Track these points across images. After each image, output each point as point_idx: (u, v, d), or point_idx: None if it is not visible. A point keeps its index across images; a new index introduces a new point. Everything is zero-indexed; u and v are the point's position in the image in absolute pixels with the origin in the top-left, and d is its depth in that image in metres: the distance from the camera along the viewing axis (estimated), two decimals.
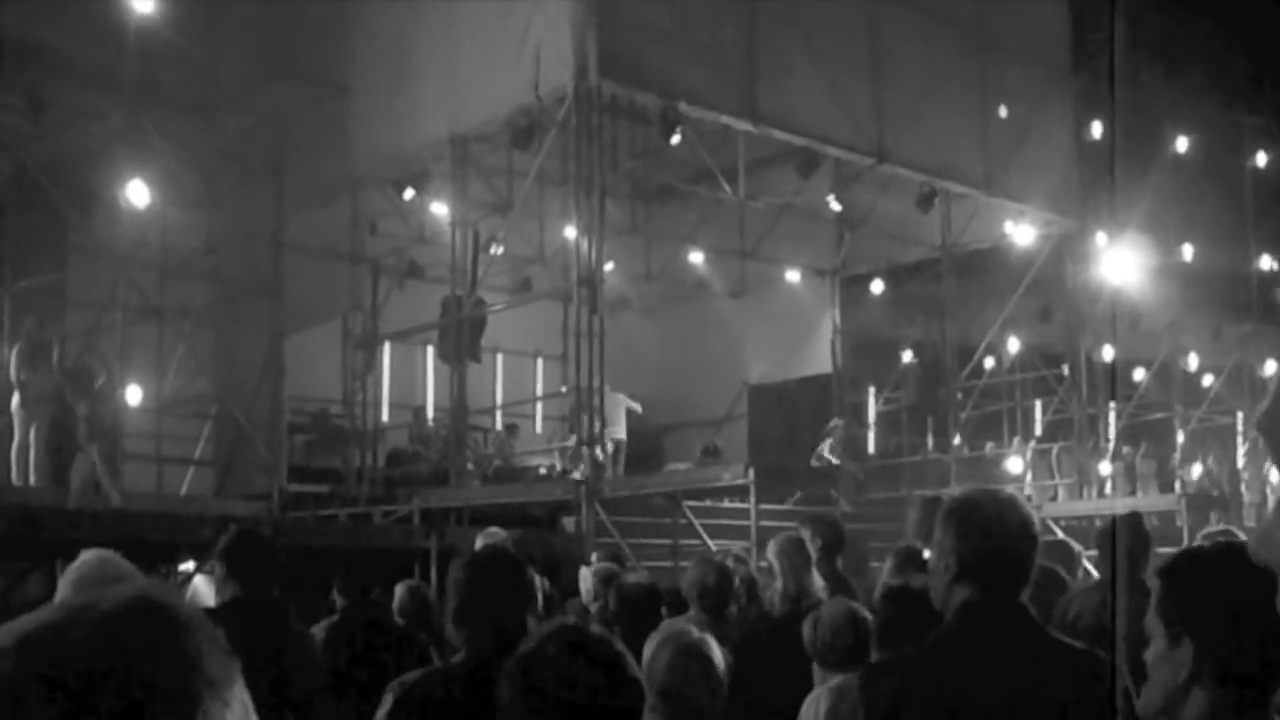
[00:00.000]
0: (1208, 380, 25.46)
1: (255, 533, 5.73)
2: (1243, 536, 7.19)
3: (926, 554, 4.42)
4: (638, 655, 6.05)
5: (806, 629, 5.58)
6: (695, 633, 4.56)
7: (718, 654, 4.44)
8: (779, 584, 6.97)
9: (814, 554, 7.08)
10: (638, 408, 21.49)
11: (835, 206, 19.86)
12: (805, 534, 7.18)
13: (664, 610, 7.26)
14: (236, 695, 1.30)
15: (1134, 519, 6.62)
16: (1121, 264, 20.05)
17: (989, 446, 23.23)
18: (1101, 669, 3.39)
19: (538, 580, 9.96)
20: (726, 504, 17.86)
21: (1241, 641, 2.43)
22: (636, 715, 3.03)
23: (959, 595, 3.55)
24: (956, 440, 21.15)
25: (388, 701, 4.09)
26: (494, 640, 3.97)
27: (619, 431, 21.17)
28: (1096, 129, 20.66)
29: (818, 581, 6.92)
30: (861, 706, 3.63)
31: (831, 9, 17.97)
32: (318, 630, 6.94)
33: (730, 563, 7.86)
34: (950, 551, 3.57)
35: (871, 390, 24.41)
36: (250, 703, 1.34)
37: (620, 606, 7.01)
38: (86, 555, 4.28)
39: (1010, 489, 18.49)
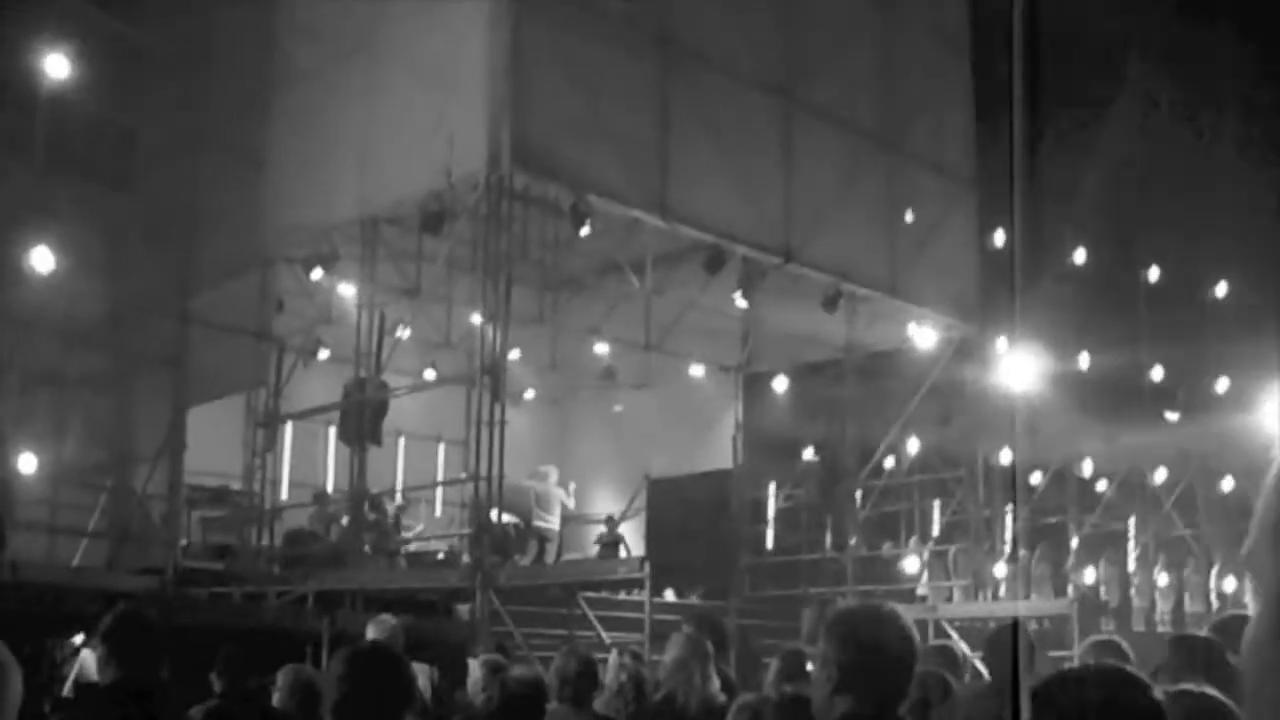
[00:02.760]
0: (1102, 485, 25.80)
1: (138, 613, 5.66)
2: (1125, 645, 7.31)
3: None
4: None
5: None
6: None
7: None
8: (695, 681, 7.00)
9: (704, 652, 7.14)
10: (570, 503, 21.56)
11: (741, 304, 20.01)
12: (693, 634, 7.23)
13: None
14: None
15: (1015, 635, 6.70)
16: (1020, 369, 20.20)
17: (886, 546, 23.37)
18: None
19: (427, 671, 9.97)
20: (623, 596, 17.88)
21: None
22: None
23: (839, 707, 3.61)
24: (854, 540, 21.28)
25: None
26: None
27: (554, 522, 21.23)
28: (999, 237, 20.99)
29: (714, 681, 6.98)
30: None
31: (745, 110, 18.19)
32: (196, 714, 6.85)
33: (627, 659, 7.89)
34: (831, 663, 3.64)
35: (772, 487, 24.50)
36: None
37: (503, 701, 7.00)
38: None
39: (904, 591, 18.68)
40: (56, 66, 16.70)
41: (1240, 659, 1.44)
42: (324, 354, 21.41)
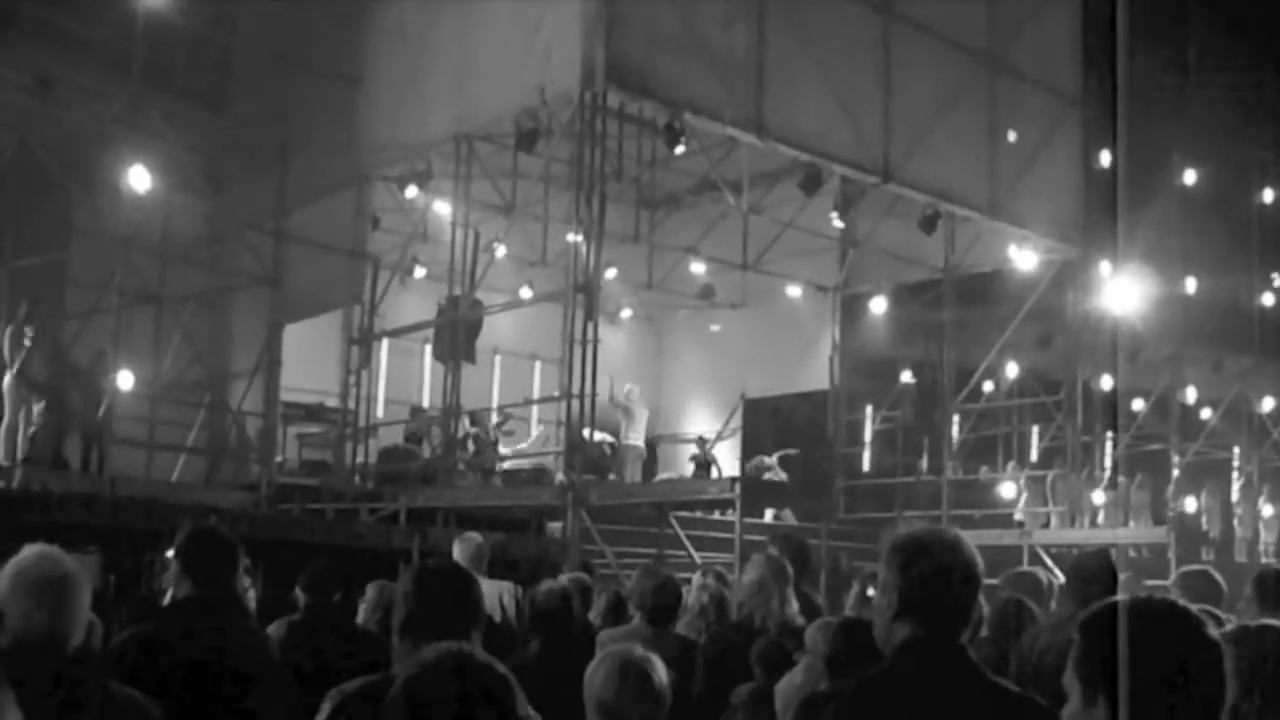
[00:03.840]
0: (1206, 413, 25.34)
1: (211, 530, 5.66)
2: (1218, 576, 7.13)
3: None
4: (554, 660, 6.05)
5: (819, 638, 5.52)
6: (638, 650, 4.50)
7: (659, 670, 4.39)
8: (774, 603, 6.94)
9: (787, 574, 7.07)
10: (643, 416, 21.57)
11: (838, 224, 19.78)
12: (778, 554, 7.17)
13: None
14: None
15: (1102, 557, 6.54)
16: (1123, 293, 19.99)
17: (983, 470, 23.16)
18: (1039, 716, 3.37)
19: (511, 589, 9.97)
20: (715, 516, 17.85)
21: (1155, 706, 2.38)
22: None
23: (898, 633, 3.55)
24: (950, 463, 21.07)
25: (325, 709, 4.05)
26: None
27: (639, 439, 21.28)
28: (1104, 157, 20.56)
29: (793, 604, 6.92)
30: None
31: (843, 26, 17.87)
32: (277, 628, 6.87)
33: (710, 580, 7.84)
34: (892, 589, 3.58)
35: (868, 409, 24.32)
36: None
37: (533, 615, 6.97)
38: (27, 550, 4.22)
39: (1001, 516, 18.46)
40: None
41: None
42: (419, 272, 21.45)
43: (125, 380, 17.10)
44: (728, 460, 23.42)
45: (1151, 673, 2.40)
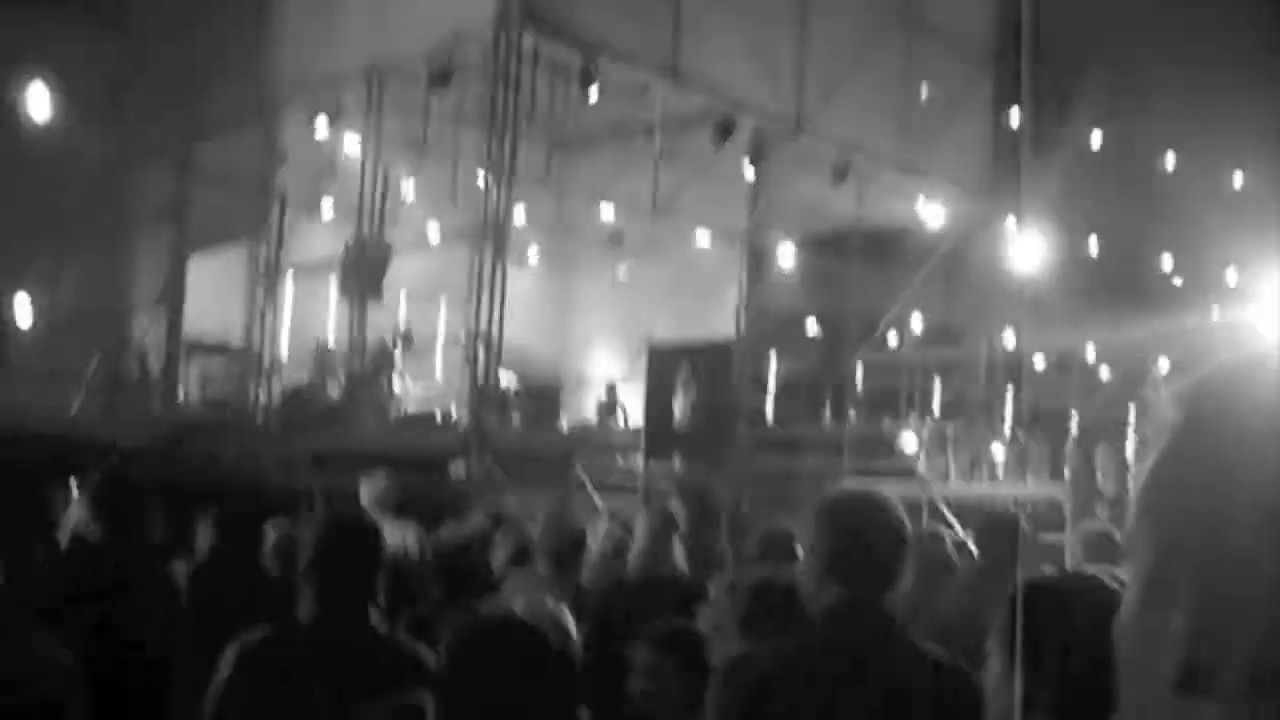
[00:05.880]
0: (1104, 373, 25.66)
1: (124, 475, 5.61)
2: (1116, 535, 7.22)
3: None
4: (456, 606, 6.02)
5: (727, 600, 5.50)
6: (550, 603, 4.50)
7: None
8: (664, 558, 6.93)
9: (681, 526, 7.05)
10: None
11: (749, 172, 19.78)
12: (674, 505, 7.17)
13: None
14: None
15: (1010, 520, 6.62)
16: (1028, 251, 20.16)
17: (886, 422, 23.31)
18: (963, 682, 3.38)
19: (415, 531, 9.91)
20: (621, 463, 17.88)
21: (1074, 673, 2.39)
22: None
23: (825, 595, 3.55)
24: (853, 414, 21.22)
25: (230, 657, 4.02)
26: (339, 600, 3.94)
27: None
28: (1015, 117, 20.71)
29: (678, 554, 6.89)
30: (717, 699, 3.60)
31: None
32: (181, 573, 6.80)
33: (616, 528, 7.84)
34: (821, 550, 3.58)
35: (773, 358, 24.38)
36: None
37: (435, 560, 6.94)
38: None
39: (901, 467, 18.58)
40: None
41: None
42: (328, 209, 21.18)
43: (22, 312, 16.80)
44: (634, 406, 23.40)
45: (1068, 641, 2.41)
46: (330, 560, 4.07)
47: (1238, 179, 25.27)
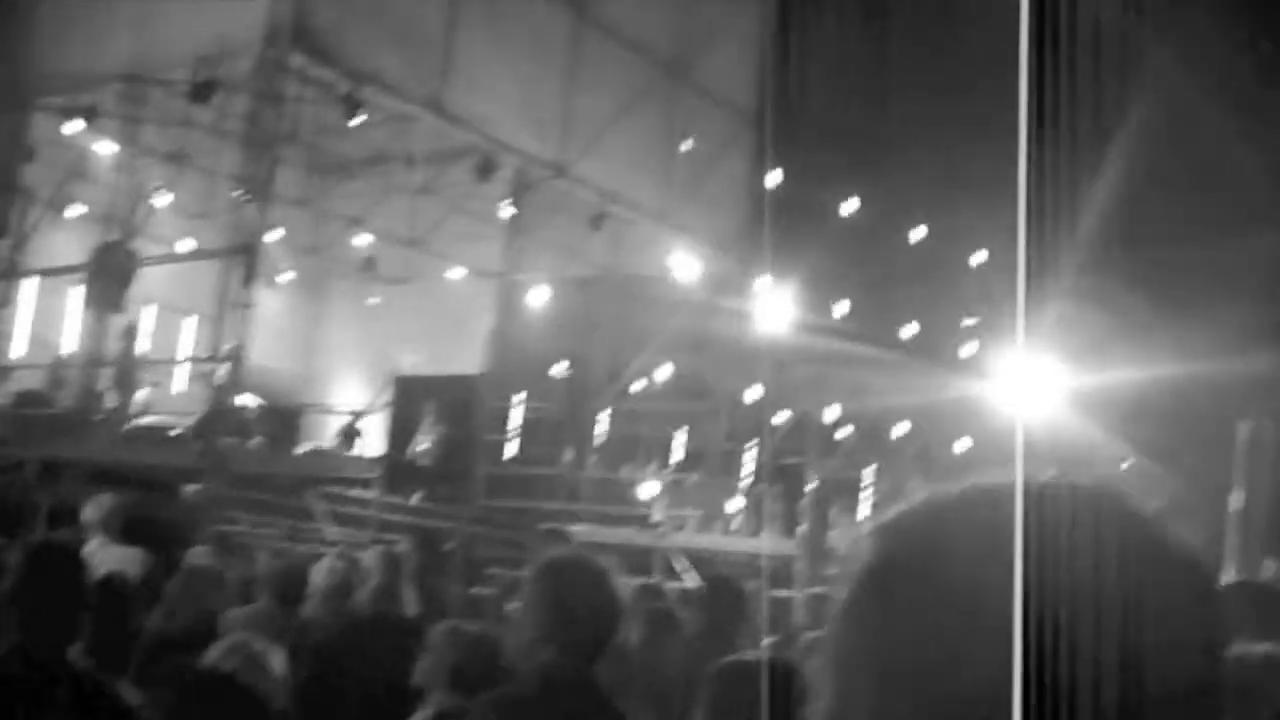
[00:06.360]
0: (844, 432, 26.29)
1: None
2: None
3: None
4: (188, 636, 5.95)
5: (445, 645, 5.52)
6: (256, 644, 4.48)
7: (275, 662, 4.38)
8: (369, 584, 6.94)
9: (411, 565, 7.09)
10: None
11: (507, 211, 19.88)
12: (403, 546, 7.19)
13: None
14: None
15: (734, 585, 6.76)
16: (776, 310, 20.60)
17: (625, 469, 23.51)
18: None
19: (139, 556, 9.71)
20: (357, 493, 17.68)
21: None
22: None
23: (539, 655, 3.60)
24: (593, 458, 21.39)
25: None
26: (36, 633, 3.87)
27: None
28: (776, 177, 21.16)
29: (407, 594, 6.92)
30: None
31: (533, 17, 18.00)
32: None
33: (341, 563, 7.79)
34: (536, 611, 3.63)
35: (518, 398, 24.42)
36: None
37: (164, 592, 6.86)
38: None
39: (638, 515, 18.72)
40: None
41: None
42: (76, 211, 20.59)
43: None
44: (376, 437, 23.21)
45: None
46: (29, 591, 3.99)
47: (982, 255, 26.18)
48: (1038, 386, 17.05)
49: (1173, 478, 18.43)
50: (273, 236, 19.82)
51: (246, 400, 19.21)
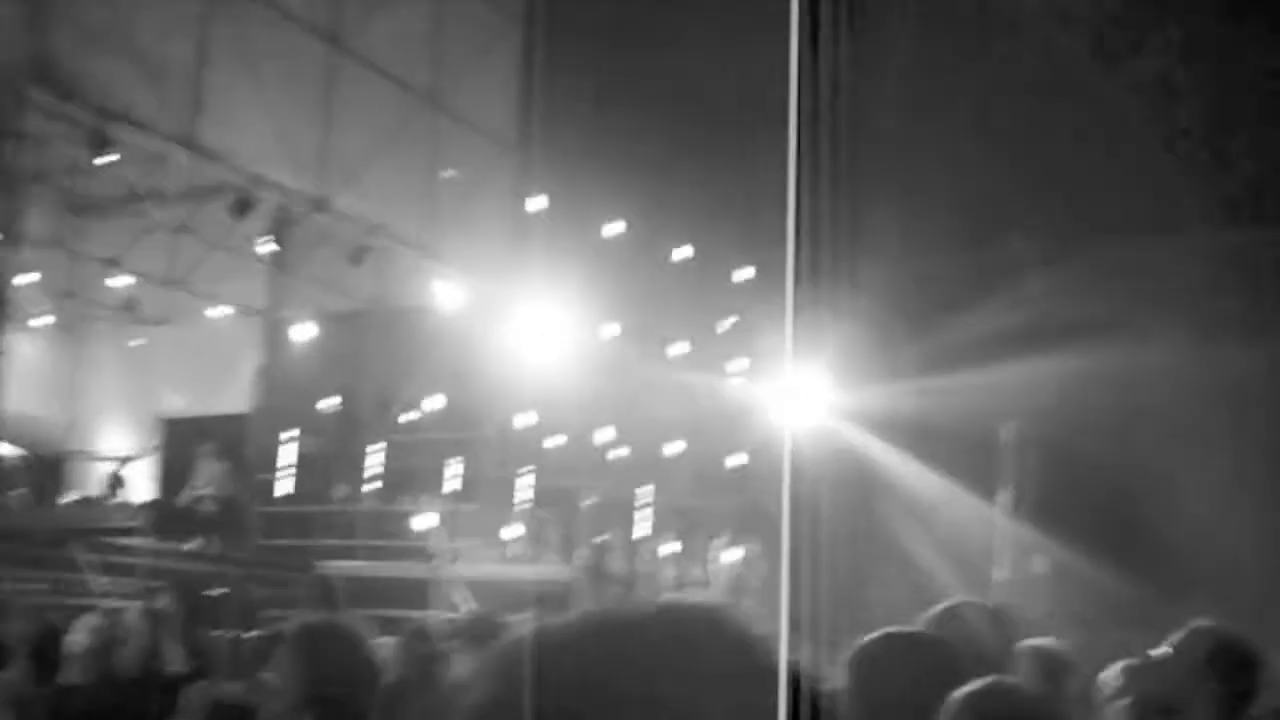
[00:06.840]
0: (617, 453, 26.38)
1: None
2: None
3: None
4: None
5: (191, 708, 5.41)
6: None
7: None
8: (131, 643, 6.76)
9: (175, 620, 6.91)
10: None
11: (268, 247, 19.61)
12: (167, 599, 7.01)
13: None
14: None
15: (491, 620, 6.72)
16: (544, 335, 20.65)
17: (399, 501, 23.30)
18: None
19: None
20: (127, 541, 17.23)
21: None
22: None
23: None
24: (366, 492, 21.19)
25: None
26: None
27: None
28: (538, 203, 21.24)
29: (171, 650, 6.75)
30: None
31: (289, 52, 17.82)
32: None
33: (100, 620, 7.56)
34: (291, 679, 3.59)
35: (289, 434, 24.05)
36: None
37: None
38: None
39: (413, 547, 18.59)
40: None
41: None
42: None
43: None
44: (145, 482, 22.65)
45: None
46: None
47: (749, 271, 26.52)
48: (806, 400, 17.36)
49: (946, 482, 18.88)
50: (26, 280, 19.23)
51: (5, 450, 18.67)
